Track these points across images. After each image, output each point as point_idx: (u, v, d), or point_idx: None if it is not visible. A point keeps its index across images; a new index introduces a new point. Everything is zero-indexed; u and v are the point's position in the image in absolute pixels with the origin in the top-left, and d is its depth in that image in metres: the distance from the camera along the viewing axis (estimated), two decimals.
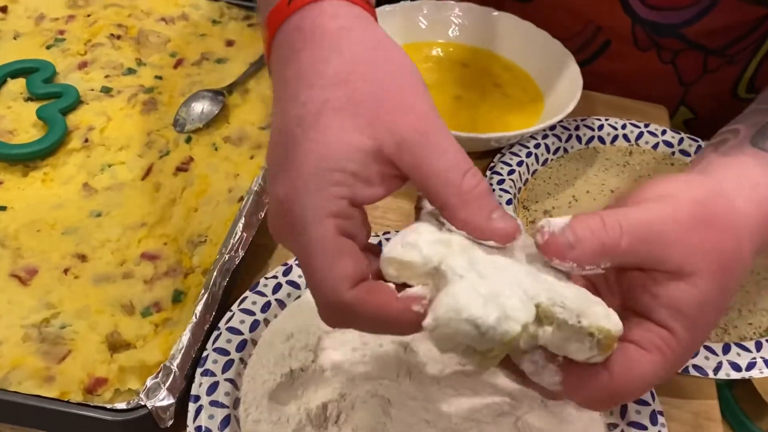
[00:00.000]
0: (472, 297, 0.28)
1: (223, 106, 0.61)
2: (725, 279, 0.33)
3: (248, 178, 0.55)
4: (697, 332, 0.33)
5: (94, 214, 0.52)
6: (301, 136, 0.31)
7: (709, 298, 0.32)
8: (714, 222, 0.33)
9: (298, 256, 0.31)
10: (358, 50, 0.33)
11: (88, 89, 0.62)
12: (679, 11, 0.65)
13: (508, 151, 0.61)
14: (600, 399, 0.32)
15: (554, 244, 0.31)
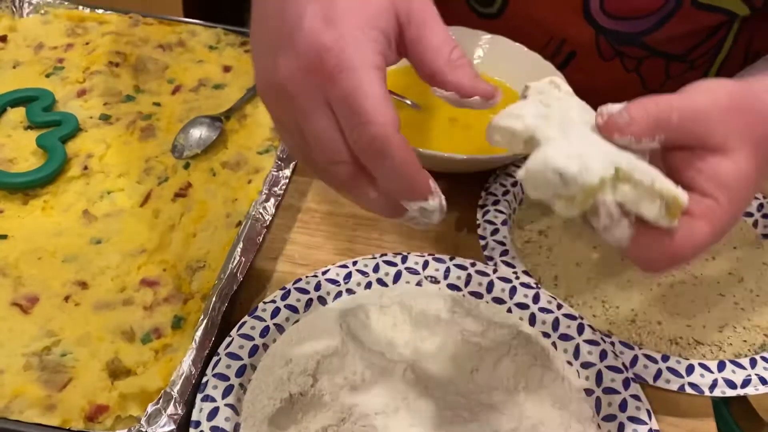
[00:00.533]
0: (559, 153, 0.33)
1: (221, 132, 0.62)
2: (758, 159, 0.37)
3: (246, 203, 0.56)
4: (737, 204, 0.37)
5: (94, 241, 0.52)
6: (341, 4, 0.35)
7: (747, 173, 0.37)
8: (748, 109, 0.38)
9: (339, 100, 0.34)
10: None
11: (87, 117, 0.63)
12: (641, 20, 0.66)
13: (502, 172, 0.62)
14: (658, 260, 0.36)
15: (613, 122, 0.36)
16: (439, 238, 0.59)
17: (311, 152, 0.36)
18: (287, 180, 0.57)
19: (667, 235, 0.35)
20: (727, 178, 0.37)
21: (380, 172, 0.35)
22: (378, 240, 0.58)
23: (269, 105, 0.38)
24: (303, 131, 0.36)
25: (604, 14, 0.67)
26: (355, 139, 0.34)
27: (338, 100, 0.34)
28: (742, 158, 0.37)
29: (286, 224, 0.59)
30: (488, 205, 0.59)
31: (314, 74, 0.34)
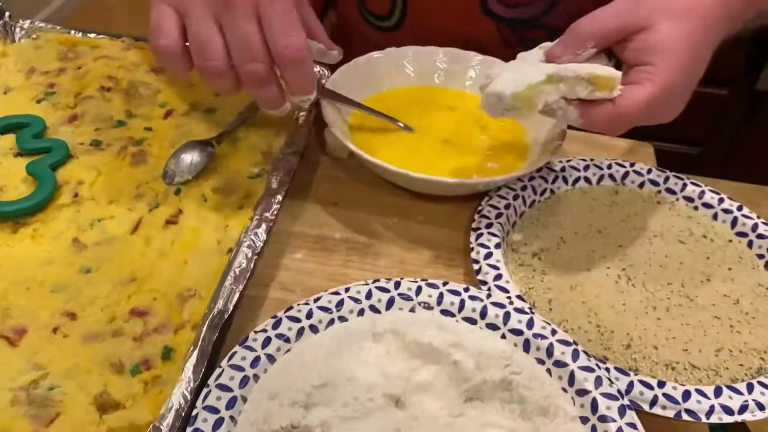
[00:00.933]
0: (497, 83, 0.50)
1: (212, 157, 0.61)
2: (689, 26, 0.48)
3: (237, 229, 0.56)
4: (676, 61, 0.47)
5: (83, 271, 0.52)
6: None
7: (675, 36, 0.47)
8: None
9: (275, 15, 0.47)
10: None
11: (77, 143, 0.63)
12: (535, 3, 0.71)
13: (495, 194, 0.62)
14: (608, 121, 0.49)
15: (552, 53, 0.52)
16: (432, 262, 0.59)
17: (234, 50, 0.47)
18: (279, 205, 0.57)
19: (610, 102, 0.48)
20: (655, 43, 0.48)
21: (293, 72, 0.49)
22: (372, 264, 0.58)
23: (188, 2, 0.47)
24: (233, 31, 0.47)
25: (502, 5, 0.71)
26: (284, 45, 0.47)
27: (274, 15, 0.46)
28: (664, 27, 0.48)
29: (278, 249, 0.59)
30: (481, 228, 0.58)
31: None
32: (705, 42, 0.50)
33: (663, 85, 0.48)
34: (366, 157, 0.59)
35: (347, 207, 0.63)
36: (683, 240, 0.61)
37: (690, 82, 0.51)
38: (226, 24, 0.48)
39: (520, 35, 0.73)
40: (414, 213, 0.63)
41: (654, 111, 0.49)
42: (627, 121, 0.49)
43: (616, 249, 0.59)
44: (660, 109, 0.49)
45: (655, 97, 0.48)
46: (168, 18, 0.49)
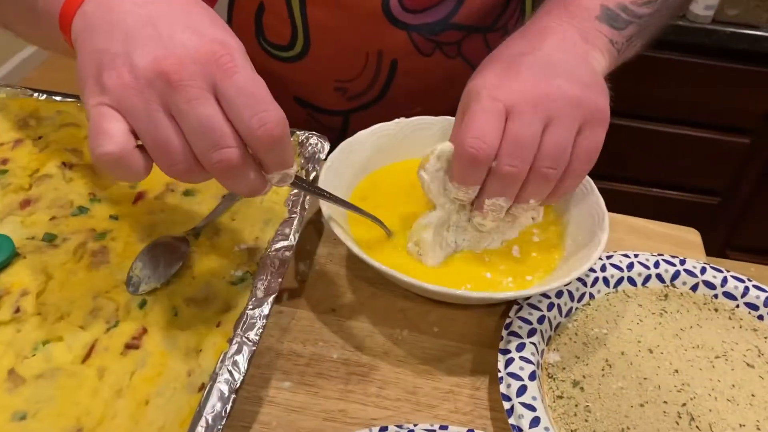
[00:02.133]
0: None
1: (187, 257, 0.51)
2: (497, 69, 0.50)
3: (212, 357, 0.45)
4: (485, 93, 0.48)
5: (17, 417, 0.41)
6: (184, 15, 0.38)
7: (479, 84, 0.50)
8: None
9: (236, 91, 0.37)
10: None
11: (27, 237, 0.52)
12: (441, 4, 0.67)
13: (526, 303, 0.52)
14: (460, 168, 0.48)
15: None
16: (451, 392, 0.48)
17: (194, 140, 0.37)
18: (264, 321, 0.47)
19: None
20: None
21: (272, 152, 0.39)
22: (376, 397, 0.48)
23: (128, 99, 0.37)
24: (187, 119, 0.37)
25: (407, 12, 0.67)
26: (255, 125, 0.37)
27: (235, 91, 0.37)
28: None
29: (262, 377, 0.48)
30: (511, 351, 0.48)
31: (206, 66, 0.37)
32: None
33: (476, 103, 0.48)
34: (370, 262, 0.49)
35: (347, 315, 0.53)
36: (751, 362, 0.51)
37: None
38: (178, 112, 0.37)
39: (435, 40, 0.69)
40: (427, 323, 0.53)
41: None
42: (466, 136, 0.47)
43: (673, 376, 0.49)
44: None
45: (474, 112, 0.47)
46: (109, 120, 0.37)
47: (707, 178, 1.62)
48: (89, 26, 0.40)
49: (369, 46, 0.69)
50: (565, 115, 0.47)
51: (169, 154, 0.38)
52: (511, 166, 0.47)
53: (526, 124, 0.46)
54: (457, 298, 0.50)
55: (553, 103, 0.47)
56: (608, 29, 0.53)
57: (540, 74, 0.48)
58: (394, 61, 0.70)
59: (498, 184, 0.48)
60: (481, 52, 0.71)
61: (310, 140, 0.63)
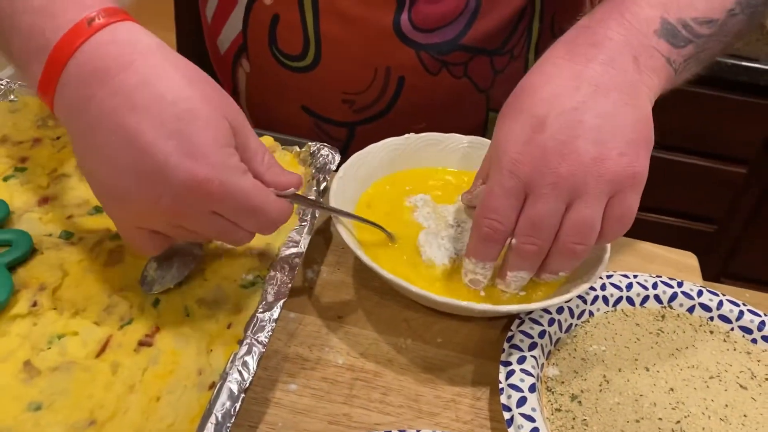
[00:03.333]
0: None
1: (201, 260, 0.53)
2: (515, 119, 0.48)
3: (222, 357, 0.46)
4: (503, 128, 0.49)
5: (32, 407, 0.43)
6: (187, 128, 0.40)
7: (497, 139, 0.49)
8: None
9: (233, 210, 0.43)
10: (182, 64, 0.43)
11: (45, 234, 0.54)
12: (451, 25, 0.69)
13: (527, 318, 0.53)
14: (475, 244, 0.49)
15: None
16: (452, 401, 0.50)
17: (212, 237, 0.48)
18: (274, 324, 0.48)
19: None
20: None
21: (271, 231, 0.47)
22: (380, 403, 0.49)
23: (139, 221, 0.44)
24: (200, 233, 0.45)
25: (417, 31, 0.68)
26: (259, 227, 0.46)
27: (232, 209, 0.43)
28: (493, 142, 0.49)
29: (269, 378, 0.50)
30: (513, 363, 0.49)
31: (199, 200, 0.41)
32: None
33: (495, 174, 0.47)
34: (378, 271, 0.50)
35: (353, 322, 0.55)
36: (744, 384, 0.52)
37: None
38: (192, 227, 0.44)
39: (442, 60, 0.71)
40: (431, 333, 0.54)
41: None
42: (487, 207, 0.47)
43: (668, 394, 0.51)
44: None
45: (491, 187, 0.47)
46: (140, 240, 0.46)
47: (704, 206, 1.64)
48: (73, 131, 0.42)
49: (378, 62, 0.71)
50: (592, 190, 0.45)
51: (197, 239, 0.50)
52: (529, 245, 0.47)
53: (545, 205, 0.45)
54: (461, 309, 0.51)
55: (578, 179, 0.44)
56: (666, 46, 0.48)
57: (566, 140, 0.45)
58: (401, 77, 0.72)
59: (517, 260, 0.48)
60: (486, 74, 0.74)
61: (321, 151, 0.65)
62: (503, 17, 0.69)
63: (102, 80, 0.40)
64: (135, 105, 0.39)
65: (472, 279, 0.51)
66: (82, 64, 0.40)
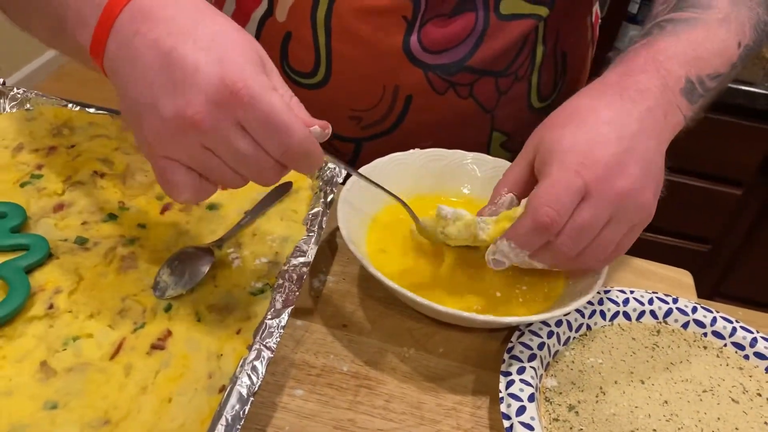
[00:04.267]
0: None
1: (211, 266, 0.54)
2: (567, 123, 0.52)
3: (232, 361, 0.48)
4: (565, 146, 0.50)
5: (48, 406, 0.44)
6: (220, 45, 0.41)
7: (556, 137, 0.51)
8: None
9: (258, 122, 0.41)
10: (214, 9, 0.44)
11: (60, 239, 0.55)
12: (459, 47, 0.71)
13: (527, 330, 0.55)
14: (525, 231, 0.49)
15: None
16: (453, 409, 0.51)
17: (237, 168, 0.43)
18: (282, 330, 0.50)
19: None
20: (543, 155, 0.51)
21: (302, 163, 0.44)
22: (383, 410, 0.50)
23: (167, 146, 0.42)
24: (223, 155, 0.42)
25: (426, 52, 0.70)
26: (283, 149, 0.42)
27: (258, 122, 0.41)
28: (546, 137, 0.52)
29: (277, 383, 0.51)
30: (512, 374, 0.51)
31: (226, 105, 0.40)
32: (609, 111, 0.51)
33: (560, 170, 0.49)
34: (384, 280, 0.52)
35: (357, 331, 0.56)
36: (736, 398, 0.54)
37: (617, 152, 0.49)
38: (215, 149, 0.42)
39: (449, 80, 0.73)
40: (433, 343, 0.56)
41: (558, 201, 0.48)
42: (538, 219, 0.48)
43: (662, 406, 0.52)
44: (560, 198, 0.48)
45: (557, 180, 0.48)
46: (171, 172, 0.43)
47: (699, 226, 1.66)
48: (116, 71, 0.44)
49: (387, 81, 0.73)
50: (628, 217, 0.50)
51: (227, 181, 0.45)
52: (567, 248, 0.49)
53: (597, 215, 0.48)
54: (464, 320, 0.53)
55: (625, 203, 0.49)
56: (686, 104, 0.54)
57: (623, 162, 0.49)
58: (409, 96, 0.73)
59: (547, 255, 0.51)
60: (491, 95, 0.76)
61: (328, 164, 0.67)
62: (509, 40, 0.72)
63: (144, 19, 0.42)
64: (171, 31, 0.41)
65: (497, 261, 0.52)
66: (127, 16, 0.43)
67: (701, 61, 0.54)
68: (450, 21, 0.69)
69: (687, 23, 0.56)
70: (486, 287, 0.57)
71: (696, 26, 0.55)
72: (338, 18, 0.69)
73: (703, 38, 0.55)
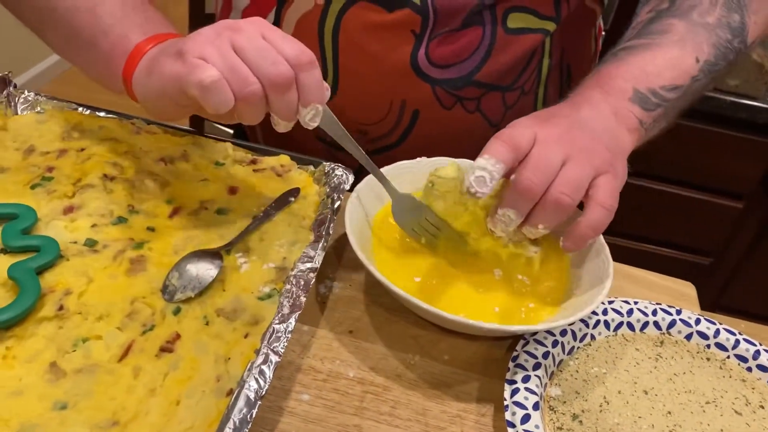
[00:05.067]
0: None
1: (220, 271, 0.55)
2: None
3: (240, 364, 0.48)
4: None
5: (58, 406, 0.44)
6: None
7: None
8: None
9: (278, 33, 0.51)
10: None
11: (70, 241, 0.56)
12: (467, 61, 0.72)
13: (532, 339, 0.55)
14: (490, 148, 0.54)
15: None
16: (458, 416, 0.52)
17: (257, 62, 0.49)
18: (289, 335, 0.50)
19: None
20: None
21: (308, 76, 0.51)
22: (389, 416, 0.51)
23: (203, 48, 0.49)
24: (249, 47, 0.49)
25: (433, 67, 0.71)
26: (296, 53, 0.50)
27: (277, 34, 0.51)
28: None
29: (283, 388, 0.51)
30: (517, 382, 0.51)
31: (253, 23, 0.51)
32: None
33: (513, 126, 0.55)
34: (390, 287, 0.53)
35: (363, 337, 0.57)
36: (739, 410, 0.54)
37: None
38: (241, 44, 0.49)
39: (456, 95, 0.73)
40: (438, 350, 0.56)
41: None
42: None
43: (665, 417, 0.53)
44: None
45: (511, 129, 0.55)
46: (202, 63, 0.49)
47: (700, 239, 1.66)
48: (140, 89, 0.55)
49: (394, 95, 0.73)
50: (583, 158, 0.53)
51: (242, 76, 0.49)
52: (528, 180, 0.52)
53: (549, 151, 0.53)
54: (469, 327, 0.53)
55: (575, 145, 0.53)
56: (639, 110, 0.59)
57: (570, 126, 0.55)
58: (416, 110, 0.74)
59: (514, 196, 0.54)
60: (498, 109, 0.76)
61: (335, 171, 0.67)
62: (516, 55, 0.72)
63: (161, 50, 0.55)
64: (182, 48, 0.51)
65: (478, 178, 0.53)
66: (152, 52, 0.56)
67: (650, 75, 0.60)
68: (458, 36, 0.70)
69: (642, 47, 0.61)
70: (492, 296, 0.58)
71: (648, 48, 0.61)
72: (346, 32, 0.70)
73: (653, 57, 0.61)
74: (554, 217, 0.54)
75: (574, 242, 0.55)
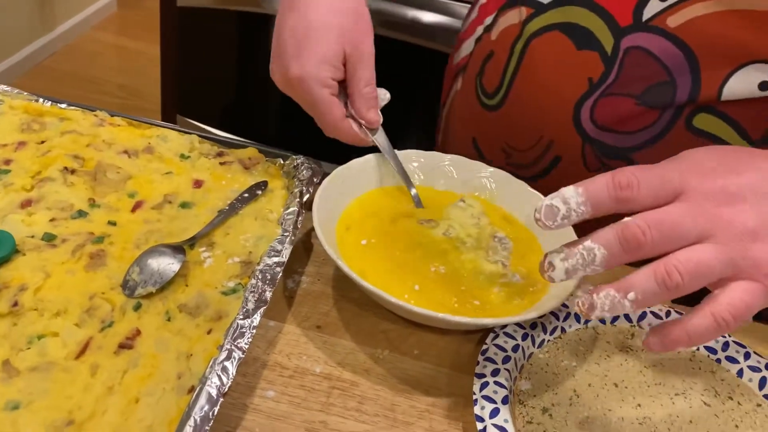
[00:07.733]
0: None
1: (183, 265, 0.53)
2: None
3: (202, 362, 0.47)
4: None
5: (10, 406, 0.43)
6: (305, 41, 0.59)
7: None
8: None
9: (307, 107, 0.61)
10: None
11: (27, 236, 0.54)
12: (630, 135, 0.65)
13: (502, 332, 0.55)
14: (599, 181, 0.44)
15: None
16: (427, 411, 0.51)
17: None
18: (254, 331, 0.49)
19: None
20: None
21: (331, 133, 0.62)
22: (356, 411, 0.50)
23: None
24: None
25: (593, 124, 0.65)
26: (322, 126, 0.62)
27: (305, 103, 0.61)
28: None
29: (248, 384, 0.50)
30: (486, 376, 0.51)
31: (290, 85, 0.60)
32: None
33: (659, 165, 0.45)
34: (358, 280, 0.52)
35: (331, 332, 0.56)
36: (708, 402, 0.54)
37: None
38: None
39: (603, 161, 0.66)
40: (408, 345, 0.56)
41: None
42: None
43: (635, 409, 0.52)
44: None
45: (652, 166, 0.45)
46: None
47: None
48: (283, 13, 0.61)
49: (546, 131, 0.69)
50: (731, 254, 0.42)
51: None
52: (639, 229, 0.42)
53: (684, 215, 0.42)
54: (438, 321, 0.52)
55: (724, 223, 0.42)
56: None
57: (739, 194, 0.43)
58: (557, 157, 0.69)
59: (609, 236, 0.43)
60: None
61: (305, 164, 0.66)
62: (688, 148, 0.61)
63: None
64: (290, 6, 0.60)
65: (550, 206, 0.44)
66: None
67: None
68: (632, 105, 0.63)
69: None
70: (462, 289, 0.57)
71: None
72: (531, 54, 0.68)
73: None
74: (658, 296, 0.43)
75: (662, 344, 0.44)
